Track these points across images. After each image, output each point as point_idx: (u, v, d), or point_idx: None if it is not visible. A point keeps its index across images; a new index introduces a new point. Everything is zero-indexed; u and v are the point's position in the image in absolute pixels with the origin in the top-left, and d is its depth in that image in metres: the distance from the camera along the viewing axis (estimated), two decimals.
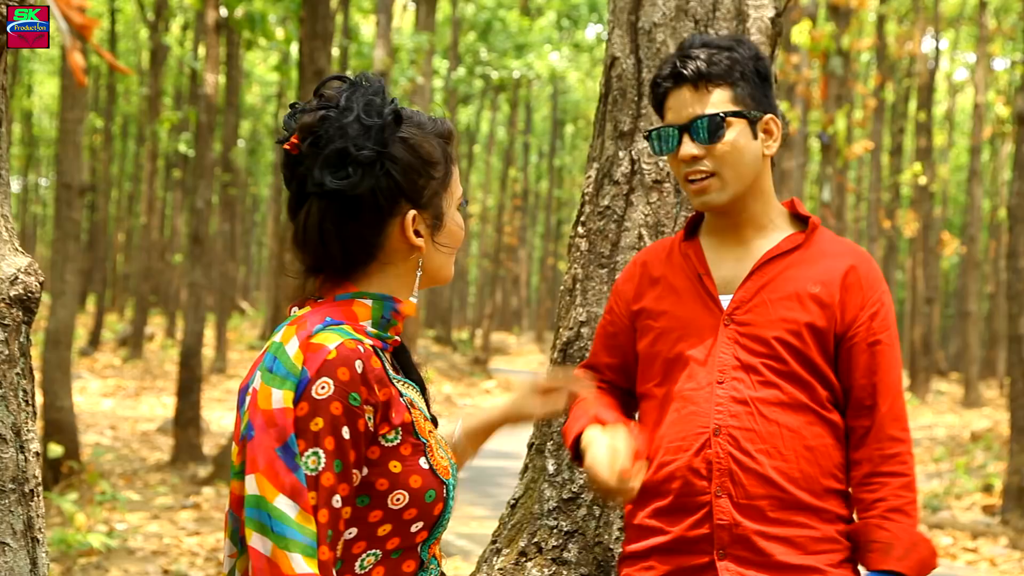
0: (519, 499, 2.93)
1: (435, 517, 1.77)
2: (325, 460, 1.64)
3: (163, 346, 24.77)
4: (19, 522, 2.04)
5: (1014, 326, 9.60)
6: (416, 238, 1.80)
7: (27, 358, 2.11)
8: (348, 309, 1.77)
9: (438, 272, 1.87)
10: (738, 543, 2.17)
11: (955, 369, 31.11)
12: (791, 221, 2.34)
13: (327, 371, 1.66)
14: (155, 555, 7.42)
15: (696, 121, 2.22)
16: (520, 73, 27.88)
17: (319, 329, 1.70)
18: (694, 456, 2.20)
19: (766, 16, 2.92)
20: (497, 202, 37.54)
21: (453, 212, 1.86)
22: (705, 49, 2.24)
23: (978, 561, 8.33)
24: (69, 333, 9.94)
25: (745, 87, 2.23)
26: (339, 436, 1.65)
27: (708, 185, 2.23)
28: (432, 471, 1.76)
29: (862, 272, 2.25)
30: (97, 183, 27.57)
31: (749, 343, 2.22)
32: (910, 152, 30.20)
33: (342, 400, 1.65)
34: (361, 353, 1.69)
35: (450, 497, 1.79)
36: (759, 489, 2.17)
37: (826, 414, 2.22)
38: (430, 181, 1.81)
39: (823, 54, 15.39)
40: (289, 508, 1.61)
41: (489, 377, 23.76)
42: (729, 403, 2.20)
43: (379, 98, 1.78)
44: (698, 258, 2.31)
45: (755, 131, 2.24)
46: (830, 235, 2.33)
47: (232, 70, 18.37)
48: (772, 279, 2.25)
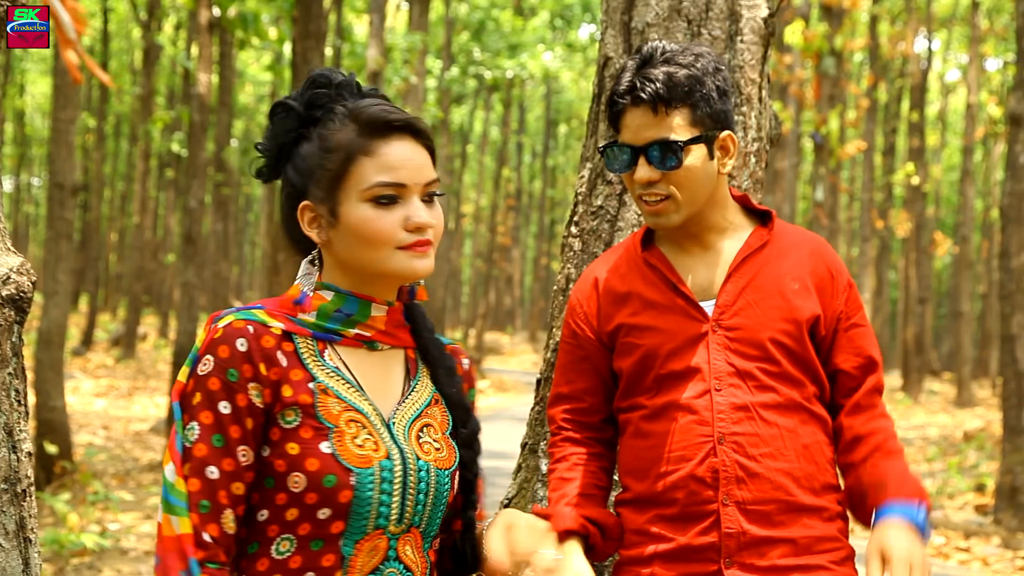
0: (512, 499, 2.93)
1: (344, 506, 1.75)
2: (199, 432, 1.73)
3: (156, 346, 24.72)
4: (11, 522, 2.03)
5: (1006, 326, 9.62)
6: (312, 230, 1.83)
7: (19, 358, 2.11)
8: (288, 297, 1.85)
9: (363, 267, 1.81)
10: (745, 550, 2.16)
11: (948, 369, 31.17)
12: (747, 217, 2.33)
13: (211, 349, 1.75)
14: (148, 555, 7.40)
15: (652, 146, 2.16)
16: (513, 73, 27.86)
17: (225, 313, 1.79)
18: (698, 465, 2.18)
19: (759, 16, 2.92)
20: (490, 202, 37.55)
21: (356, 206, 1.78)
22: (665, 67, 2.16)
23: (971, 561, 8.35)
24: (62, 333, 9.93)
25: (704, 107, 2.17)
26: (216, 411, 1.73)
27: (663, 208, 2.20)
28: (334, 456, 1.75)
29: (828, 259, 2.28)
30: (90, 183, 27.51)
31: (741, 347, 2.20)
32: (903, 152, 30.23)
33: (219, 376, 1.73)
34: (248, 333, 1.75)
35: (366, 488, 1.75)
36: (766, 494, 2.16)
37: (816, 410, 2.23)
38: (323, 171, 1.80)
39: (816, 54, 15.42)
40: (170, 474, 1.73)
41: (483, 377, 23.75)
42: (730, 410, 2.18)
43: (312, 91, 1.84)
44: (666, 267, 2.27)
45: (712, 151, 2.20)
46: (787, 225, 2.34)
47: (225, 70, 18.36)
48: (751, 280, 2.24)
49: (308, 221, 1.82)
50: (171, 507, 1.72)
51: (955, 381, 23.97)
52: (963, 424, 17.96)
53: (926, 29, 25.69)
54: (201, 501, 1.72)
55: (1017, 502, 9.16)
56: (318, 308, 1.82)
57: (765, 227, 2.30)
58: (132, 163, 31.18)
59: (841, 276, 2.28)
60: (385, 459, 1.79)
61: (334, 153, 1.79)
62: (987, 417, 18.65)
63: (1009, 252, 9.70)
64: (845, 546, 2.23)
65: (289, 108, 1.83)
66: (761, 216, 2.33)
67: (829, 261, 2.29)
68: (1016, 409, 9.30)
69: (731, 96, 2.24)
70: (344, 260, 1.83)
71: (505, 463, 5.13)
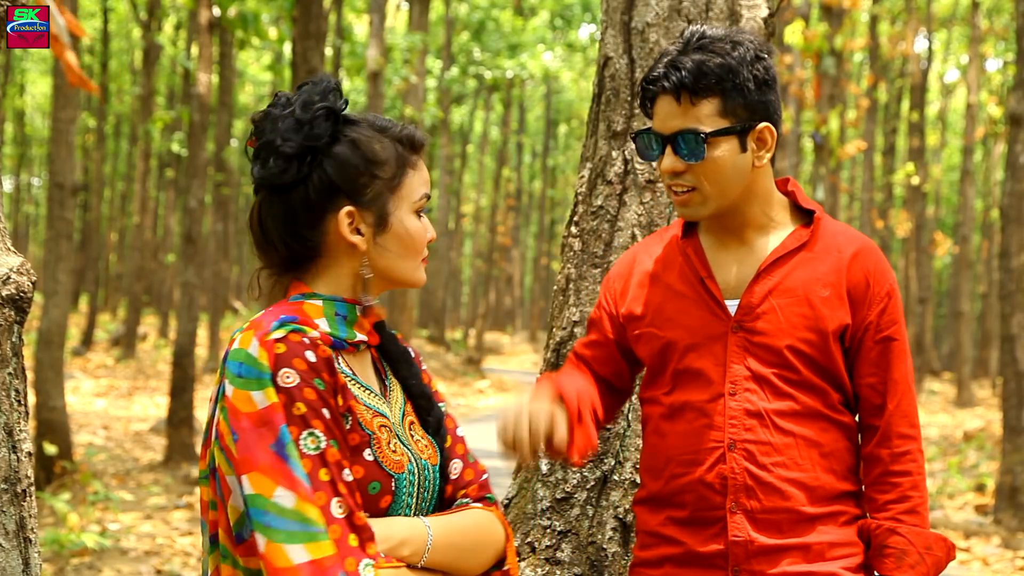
0: (512, 499, 2.93)
1: (382, 511, 1.79)
2: (324, 438, 1.69)
3: (156, 346, 24.71)
4: (11, 522, 2.03)
5: (1006, 326, 9.61)
6: (354, 235, 1.83)
7: (19, 358, 2.11)
8: (300, 308, 1.82)
9: (393, 274, 1.88)
10: (753, 559, 2.12)
11: (948, 369, 31.16)
12: (793, 215, 2.23)
13: (284, 363, 1.71)
14: (148, 555, 7.40)
15: (678, 136, 2.10)
16: (513, 73, 27.85)
17: (275, 326, 1.75)
18: (707, 471, 2.13)
19: (759, 16, 2.92)
20: (490, 202, 37.55)
21: (405, 216, 1.86)
22: (699, 54, 2.09)
23: (971, 561, 8.34)
24: (62, 333, 9.92)
25: (737, 96, 2.09)
26: (323, 417, 1.71)
27: (689, 199, 2.14)
28: (377, 463, 1.79)
29: (869, 266, 2.17)
30: (90, 183, 27.50)
31: (760, 352, 2.13)
32: (903, 152, 30.23)
33: (310, 385, 1.71)
34: (307, 344, 1.74)
35: (402, 492, 1.81)
36: (776, 504, 2.11)
37: (840, 418, 2.16)
38: (373, 179, 1.83)
39: (816, 54, 15.40)
40: (287, 499, 1.65)
41: (483, 377, 23.74)
42: (743, 416, 2.13)
43: (319, 96, 1.82)
44: (699, 259, 2.21)
45: (744, 144, 2.12)
46: (834, 225, 2.23)
47: (225, 69, 18.35)
48: (779, 282, 2.15)
49: (348, 225, 1.83)
50: (285, 535, 1.64)
51: (955, 381, 23.96)
52: (963, 424, 17.94)
53: (926, 29, 25.68)
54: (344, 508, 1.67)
55: (1017, 502, 9.16)
56: (326, 317, 1.83)
57: (807, 227, 2.20)
58: (132, 163, 31.16)
59: (880, 285, 2.16)
60: (410, 463, 1.85)
61: (385, 164, 1.83)
62: (987, 417, 18.64)
63: (1009, 252, 9.70)
64: (861, 551, 2.16)
65: (331, 111, 1.82)
66: (808, 214, 2.23)
67: (870, 268, 2.17)
68: (1016, 409, 9.30)
69: (775, 86, 2.15)
70: (381, 267, 1.86)
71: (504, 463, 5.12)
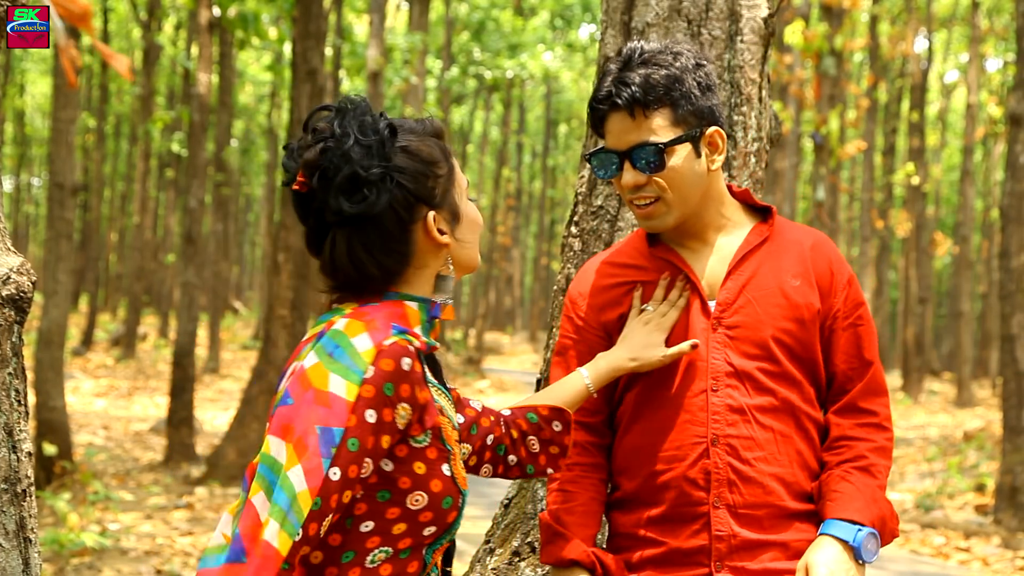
0: (513, 499, 2.93)
1: (447, 524, 1.81)
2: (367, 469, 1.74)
3: (156, 346, 24.71)
4: (11, 522, 2.03)
5: (1006, 326, 9.62)
6: (441, 236, 1.86)
7: (19, 358, 2.11)
8: (404, 314, 1.83)
9: (469, 262, 1.94)
10: (735, 553, 2.14)
11: (948, 369, 31.15)
12: (747, 213, 2.31)
13: (377, 359, 1.72)
14: (148, 555, 7.40)
15: (635, 150, 2.14)
16: (513, 73, 27.84)
17: (394, 332, 1.76)
18: (691, 466, 2.16)
19: (759, 16, 2.92)
20: (490, 202, 37.55)
21: (465, 203, 1.92)
22: (644, 69, 2.13)
23: (971, 561, 8.35)
24: (62, 333, 9.92)
25: (685, 104, 2.14)
26: (361, 416, 1.69)
27: (654, 210, 2.19)
28: (453, 479, 1.81)
29: (830, 256, 2.26)
30: (90, 183, 27.50)
31: (742, 346, 2.18)
32: (903, 152, 30.23)
33: (376, 385, 1.70)
34: (411, 352, 1.75)
35: (463, 507, 1.84)
36: (758, 498, 2.15)
37: (813, 413, 2.22)
38: (438, 180, 1.86)
39: (816, 54, 15.41)
40: (298, 483, 1.65)
41: (483, 377, 23.74)
42: (725, 412, 2.16)
43: (369, 116, 1.82)
44: (681, 262, 2.25)
45: (699, 149, 2.17)
46: (787, 221, 2.32)
47: (225, 69, 18.35)
48: (751, 277, 2.21)
49: (437, 227, 1.85)
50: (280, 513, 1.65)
51: (955, 381, 23.95)
52: (963, 424, 17.94)
53: (926, 29, 25.68)
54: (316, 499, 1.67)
55: (1017, 502, 9.16)
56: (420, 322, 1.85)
57: (765, 223, 2.28)
58: (132, 163, 31.16)
59: (841, 273, 2.25)
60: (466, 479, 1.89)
61: (439, 162, 1.86)
62: (987, 417, 18.63)
63: (1009, 252, 9.70)
64: None
65: (392, 127, 1.83)
66: (762, 212, 2.31)
67: (831, 257, 2.26)
68: (1016, 409, 9.30)
69: (716, 91, 2.21)
70: (461, 258, 1.91)
71: None
